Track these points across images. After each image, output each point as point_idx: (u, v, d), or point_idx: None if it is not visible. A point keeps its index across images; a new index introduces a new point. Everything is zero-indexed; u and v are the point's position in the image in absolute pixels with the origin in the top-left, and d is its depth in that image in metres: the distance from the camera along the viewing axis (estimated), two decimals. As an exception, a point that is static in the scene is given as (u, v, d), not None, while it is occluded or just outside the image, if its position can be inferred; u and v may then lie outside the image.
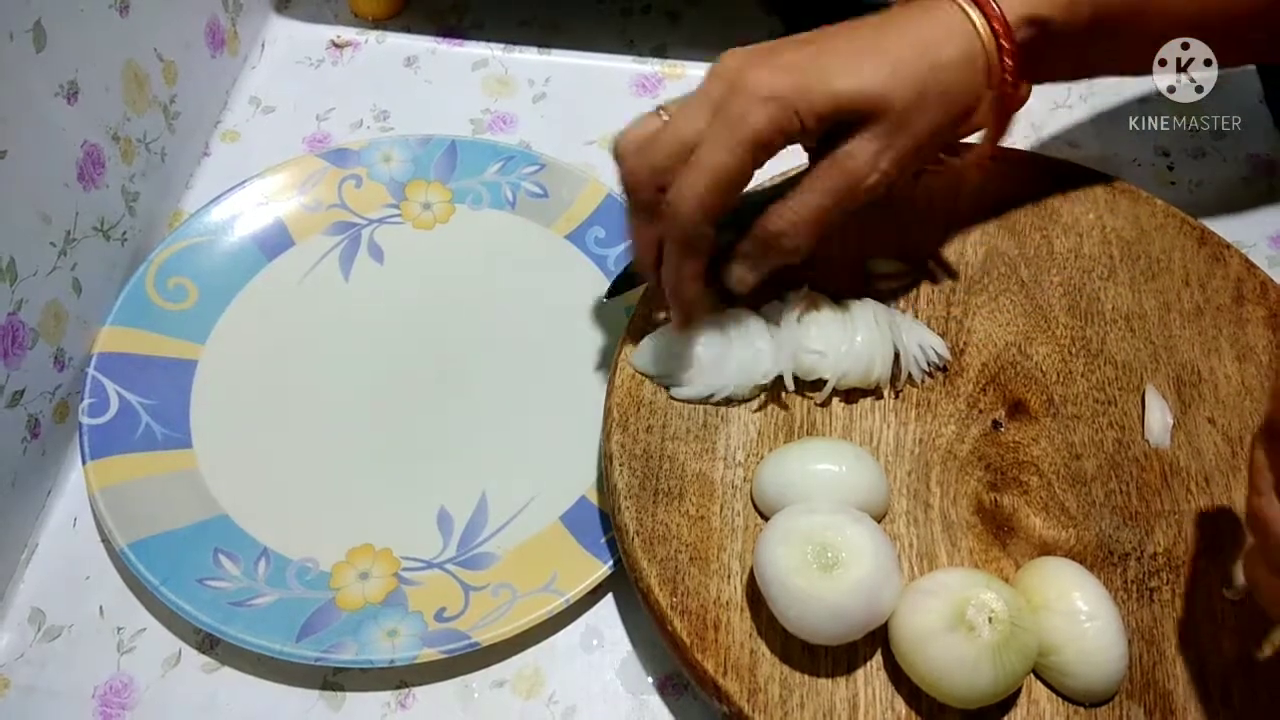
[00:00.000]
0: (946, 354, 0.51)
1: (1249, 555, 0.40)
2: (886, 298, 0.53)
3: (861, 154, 0.44)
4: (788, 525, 0.43)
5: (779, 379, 0.49)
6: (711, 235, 0.45)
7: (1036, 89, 0.49)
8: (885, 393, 0.50)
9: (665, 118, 0.45)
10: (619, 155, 0.46)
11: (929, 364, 0.51)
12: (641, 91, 0.71)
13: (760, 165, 0.44)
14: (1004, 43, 0.45)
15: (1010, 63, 0.45)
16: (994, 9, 0.45)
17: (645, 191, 0.45)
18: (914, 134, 0.44)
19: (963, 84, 0.45)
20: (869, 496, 0.45)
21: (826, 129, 0.44)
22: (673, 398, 0.50)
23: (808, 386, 0.50)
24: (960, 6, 0.45)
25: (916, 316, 0.53)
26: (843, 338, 0.49)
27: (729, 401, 0.50)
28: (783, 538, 0.42)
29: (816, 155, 0.46)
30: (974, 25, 0.45)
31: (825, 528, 0.42)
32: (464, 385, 0.58)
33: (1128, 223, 0.56)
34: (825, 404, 0.50)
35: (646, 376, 0.50)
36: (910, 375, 0.51)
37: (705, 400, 0.49)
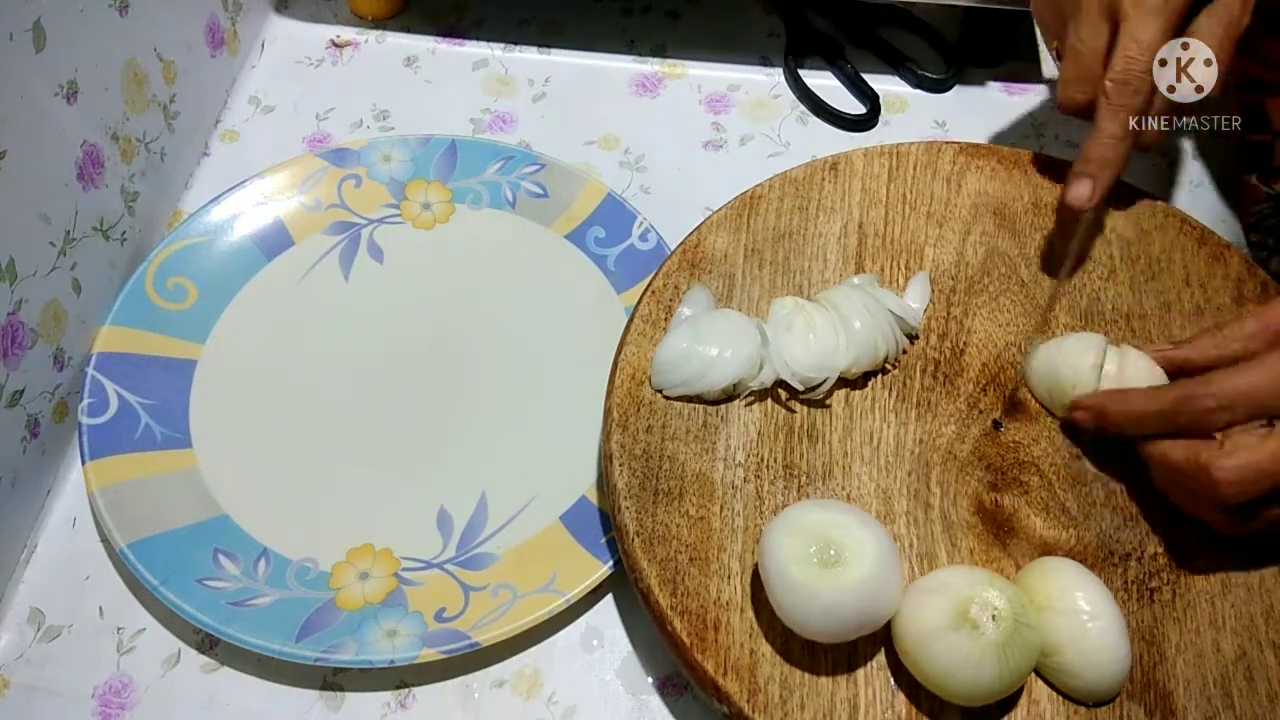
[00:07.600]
0: (919, 321, 0.52)
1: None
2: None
3: None
4: (796, 517, 0.43)
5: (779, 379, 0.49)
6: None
7: (1039, 91, 0.49)
8: (890, 368, 0.51)
9: None
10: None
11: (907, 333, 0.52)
12: (641, 91, 0.71)
13: None
14: None
15: None
16: None
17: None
18: None
19: None
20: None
21: None
22: (667, 397, 0.50)
23: (808, 391, 0.50)
24: None
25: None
26: (840, 332, 0.49)
27: (729, 396, 0.50)
28: (789, 529, 0.42)
29: None
30: None
31: (832, 525, 0.42)
32: (464, 385, 0.58)
33: (1128, 223, 0.56)
34: (827, 399, 0.50)
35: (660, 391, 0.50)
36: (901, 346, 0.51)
37: (697, 398, 0.49)
